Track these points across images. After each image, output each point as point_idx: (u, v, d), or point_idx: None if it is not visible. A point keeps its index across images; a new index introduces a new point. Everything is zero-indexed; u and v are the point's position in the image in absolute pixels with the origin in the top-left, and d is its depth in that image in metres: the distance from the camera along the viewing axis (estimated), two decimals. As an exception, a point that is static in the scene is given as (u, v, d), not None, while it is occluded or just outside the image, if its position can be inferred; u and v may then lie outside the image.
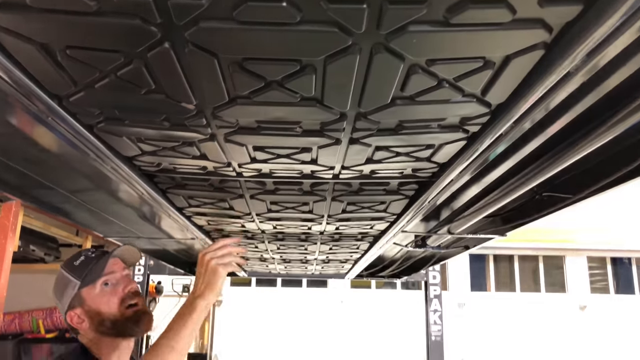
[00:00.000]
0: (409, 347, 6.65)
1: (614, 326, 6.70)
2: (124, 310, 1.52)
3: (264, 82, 0.96)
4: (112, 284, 1.56)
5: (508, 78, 0.97)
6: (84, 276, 1.53)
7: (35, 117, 1.16)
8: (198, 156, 1.46)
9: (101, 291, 1.53)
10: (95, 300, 1.52)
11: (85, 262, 1.56)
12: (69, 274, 1.57)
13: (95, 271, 1.53)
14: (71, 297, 1.54)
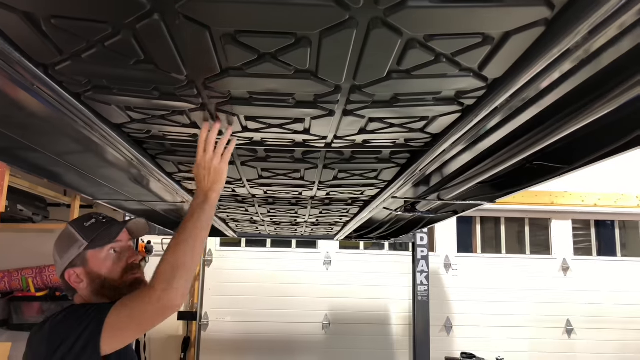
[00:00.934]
0: (396, 306, 6.79)
1: (596, 286, 6.88)
2: (126, 277, 1.60)
3: (257, 54, 0.94)
4: (119, 252, 1.62)
5: (506, 54, 0.95)
6: (92, 238, 1.58)
7: (21, 85, 1.12)
8: (188, 124, 1.44)
9: (107, 256, 1.60)
10: (99, 264, 1.59)
11: (96, 226, 1.62)
12: (77, 232, 1.62)
13: (106, 236, 1.59)
14: (74, 255, 1.59)
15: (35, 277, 6.14)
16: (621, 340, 6.77)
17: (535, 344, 6.73)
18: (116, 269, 1.60)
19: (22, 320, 6.02)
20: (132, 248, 1.67)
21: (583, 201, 6.72)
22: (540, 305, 6.82)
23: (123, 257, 1.63)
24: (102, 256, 1.59)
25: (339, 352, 6.64)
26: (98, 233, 1.60)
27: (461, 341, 6.66)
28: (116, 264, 1.60)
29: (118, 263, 1.61)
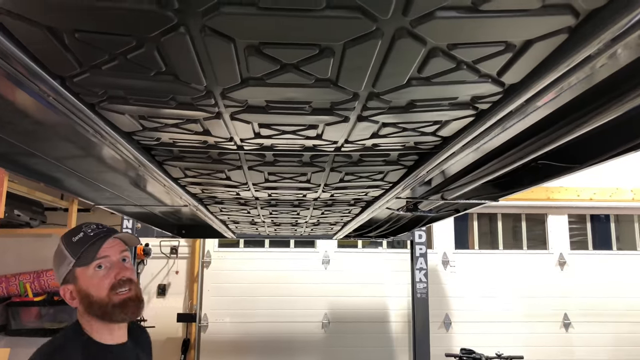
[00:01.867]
0: (395, 304, 6.81)
1: (592, 280, 6.93)
2: (112, 296, 1.50)
3: (279, 65, 0.93)
4: (106, 267, 1.53)
5: (526, 60, 0.96)
6: (79, 255, 1.51)
7: (34, 95, 1.12)
8: (200, 132, 1.43)
9: (94, 274, 1.51)
10: (86, 282, 1.51)
11: (83, 241, 1.54)
12: (65, 248, 1.56)
13: (90, 252, 1.50)
14: (66, 272, 1.54)
15: (33, 281, 6.10)
16: (616, 332, 6.84)
17: (533, 338, 6.78)
18: (102, 285, 1.50)
19: (21, 326, 5.99)
20: (124, 263, 1.56)
21: (579, 196, 6.77)
22: (537, 299, 6.87)
23: (110, 273, 1.52)
24: (89, 274, 1.51)
25: (339, 350, 6.66)
26: (84, 248, 1.52)
27: (460, 337, 6.70)
28: (103, 281, 1.51)
29: (105, 279, 1.51)
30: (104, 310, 1.50)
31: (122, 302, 1.50)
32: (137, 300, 1.54)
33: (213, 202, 2.93)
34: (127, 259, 1.60)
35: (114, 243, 1.57)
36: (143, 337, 1.77)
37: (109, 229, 1.61)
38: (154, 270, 6.70)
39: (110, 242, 1.55)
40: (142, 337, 1.76)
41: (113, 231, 1.60)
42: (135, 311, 1.54)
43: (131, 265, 1.62)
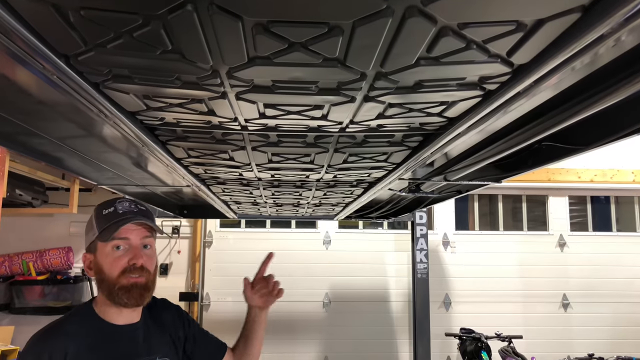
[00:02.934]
0: (395, 284, 6.86)
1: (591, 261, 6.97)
2: (122, 278, 1.50)
3: (287, 43, 0.92)
4: (124, 249, 1.53)
5: (537, 40, 0.94)
6: (102, 229, 1.53)
7: (39, 74, 1.11)
8: (205, 112, 1.42)
9: (110, 252, 1.52)
10: (103, 258, 1.54)
11: (110, 216, 1.54)
12: (94, 219, 1.58)
13: (111, 230, 1.51)
14: (89, 241, 1.58)
15: (36, 260, 6.14)
16: (615, 313, 6.90)
17: (532, 318, 6.84)
18: (115, 266, 1.51)
19: (24, 304, 6.04)
20: (139, 249, 1.54)
21: (580, 177, 6.77)
22: (537, 280, 6.92)
23: (125, 257, 1.52)
24: (107, 251, 1.52)
25: (340, 329, 6.72)
26: (108, 225, 1.52)
27: (460, 317, 6.76)
28: (116, 262, 1.51)
29: (118, 261, 1.51)
30: (110, 290, 1.51)
31: (127, 287, 1.50)
32: (143, 288, 1.52)
33: (215, 182, 2.93)
34: (150, 246, 1.59)
35: (138, 227, 1.55)
36: (167, 313, 1.76)
37: (139, 211, 1.59)
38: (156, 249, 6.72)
39: (134, 225, 1.54)
40: (166, 314, 1.75)
41: (142, 214, 1.58)
42: (139, 299, 1.53)
43: (152, 252, 1.60)
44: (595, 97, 1.30)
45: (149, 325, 1.64)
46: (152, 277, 1.58)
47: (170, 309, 1.81)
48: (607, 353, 5.17)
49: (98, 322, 1.54)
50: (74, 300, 6.20)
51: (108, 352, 1.51)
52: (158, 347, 1.62)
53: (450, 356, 6.72)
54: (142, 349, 1.58)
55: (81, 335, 1.48)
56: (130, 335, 1.57)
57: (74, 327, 1.51)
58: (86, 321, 1.54)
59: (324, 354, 6.68)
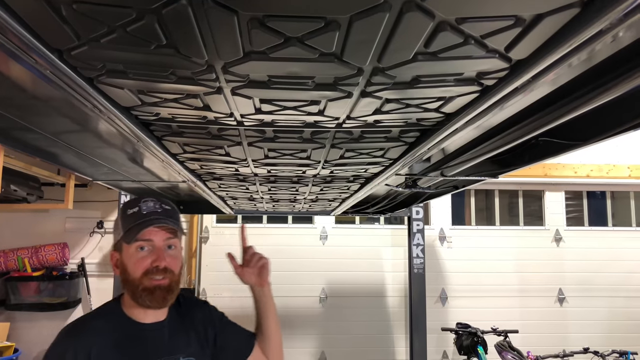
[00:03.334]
0: (392, 279, 6.87)
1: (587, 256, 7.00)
2: (145, 280, 1.50)
3: (283, 38, 0.91)
4: (148, 250, 1.52)
5: (536, 35, 0.93)
6: (126, 230, 1.52)
7: (32, 69, 1.09)
8: (200, 107, 1.41)
9: (135, 253, 1.52)
10: (127, 258, 1.53)
11: (134, 216, 1.53)
12: (120, 218, 1.58)
13: (135, 232, 1.50)
14: (116, 240, 1.58)
15: (31, 257, 6.11)
16: (610, 307, 6.92)
17: (528, 312, 6.86)
18: (138, 268, 1.50)
19: (20, 300, 6.02)
20: (162, 250, 1.53)
21: (576, 172, 6.78)
22: (533, 275, 6.94)
23: (148, 258, 1.51)
24: (131, 251, 1.52)
25: (337, 324, 6.74)
26: (132, 225, 1.51)
27: (456, 312, 6.77)
28: (139, 263, 1.51)
29: (141, 263, 1.51)
30: (133, 291, 1.51)
31: (150, 289, 1.49)
32: (166, 290, 1.51)
33: (211, 178, 2.92)
34: (174, 246, 1.57)
35: (161, 228, 1.53)
36: (196, 312, 1.74)
37: (163, 212, 1.56)
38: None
39: (157, 227, 1.52)
40: (194, 313, 1.73)
41: (166, 215, 1.56)
42: (161, 301, 1.52)
43: (177, 253, 1.58)
44: (593, 93, 1.29)
45: (175, 324, 1.64)
46: (177, 278, 1.56)
47: (199, 307, 1.79)
48: (602, 347, 5.19)
49: (124, 319, 1.55)
50: (70, 296, 6.19)
51: (132, 350, 1.51)
52: (183, 346, 1.61)
53: (446, 351, 6.75)
54: (167, 347, 1.57)
55: (107, 332, 1.50)
56: (155, 333, 1.57)
57: (101, 324, 1.52)
58: (112, 318, 1.55)
59: (321, 349, 6.69)
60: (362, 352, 6.69)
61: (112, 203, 6.45)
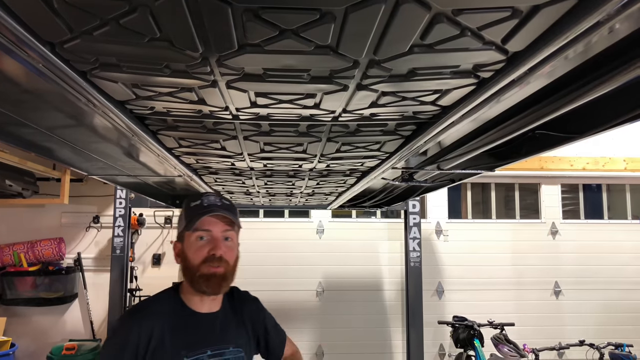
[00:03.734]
0: (389, 272, 6.88)
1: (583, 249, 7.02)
2: (202, 267, 1.61)
3: (278, 30, 0.90)
4: (206, 239, 1.63)
5: (532, 27, 0.93)
6: (188, 221, 1.64)
7: (24, 62, 1.08)
8: (195, 101, 1.40)
9: (195, 242, 1.63)
10: (188, 247, 1.65)
11: (196, 209, 1.65)
12: (184, 211, 1.71)
13: (196, 222, 1.62)
14: (180, 230, 1.71)
15: (27, 252, 6.10)
16: (606, 300, 6.96)
17: (524, 305, 6.89)
18: (197, 255, 1.62)
19: (16, 295, 6.01)
20: (220, 240, 1.64)
21: (572, 165, 6.79)
22: (529, 268, 6.96)
23: (206, 247, 1.62)
24: (192, 240, 1.64)
25: (334, 318, 6.75)
26: (194, 216, 1.63)
27: (453, 305, 6.80)
28: (198, 251, 1.62)
29: (200, 250, 1.62)
30: (192, 277, 1.63)
31: (207, 275, 1.60)
32: (221, 278, 1.62)
33: (207, 172, 2.90)
34: (230, 239, 1.68)
35: (219, 220, 1.64)
36: (247, 307, 1.86)
37: (222, 205, 1.67)
38: (149, 240, 6.70)
39: (215, 218, 1.63)
40: (246, 308, 1.85)
41: (225, 208, 1.66)
42: (217, 288, 1.63)
43: (233, 244, 1.69)
44: (589, 86, 1.29)
45: (228, 316, 1.75)
46: (232, 268, 1.67)
47: (251, 303, 1.90)
48: (598, 339, 5.22)
49: (181, 307, 1.67)
50: (66, 291, 6.18)
51: (187, 335, 1.62)
52: (233, 337, 1.72)
53: (443, 344, 6.77)
54: (218, 337, 1.68)
55: (166, 317, 1.62)
56: (208, 322, 1.68)
57: (161, 309, 1.64)
58: (171, 305, 1.66)
59: (318, 342, 6.71)
60: (359, 346, 6.71)
61: (108, 198, 6.43)
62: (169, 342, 1.57)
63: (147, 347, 1.54)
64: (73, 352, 5.51)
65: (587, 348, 4.95)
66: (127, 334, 1.56)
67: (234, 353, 1.69)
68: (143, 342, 1.54)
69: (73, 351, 5.52)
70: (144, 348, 1.54)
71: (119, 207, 5.61)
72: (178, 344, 1.59)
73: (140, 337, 1.54)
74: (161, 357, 1.55)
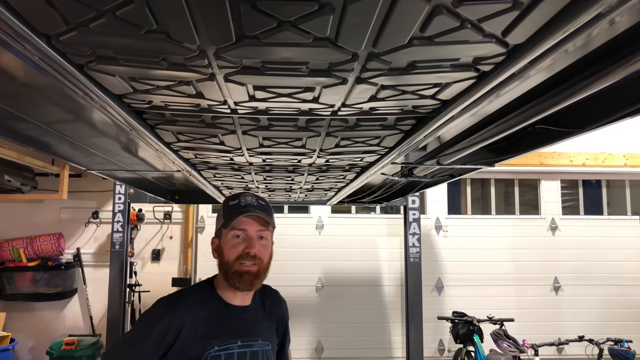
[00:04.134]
0: (388, 268, 6.88)
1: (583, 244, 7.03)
2: (236, 264, 1.69)
3: (276, 22, 0.89)
4: (242, 238, 1.71)
5: (533, 19, 0.92)
6: (225, 219, 1.72)
7: (20, 55, 1.07)
8: (193, 94, 1.39)
9: (231, 240, 1.71)
10: (224, 243, 1.73)
11: (234, 208, 1.72)
12: (222, 209, 1.78)
13: (232, 220, 1.69)
14: (217, 227, 1.80)
15: (26, 247, 6.09)
16: (605, 295, 6.97)
17: (524, 301, 6.90)
18: (232, 252, 1.70)
19: (15, 290, 6.01)
20: (254, 239, 1.71)
21: (572, 161, 6.79)
22: (528, 263, 6.97)
23: (241, 245, 1.70)
24: (228, 238, 1.72)
25: (333, 313, 6.76)
26: (231, 215, 1.70)
27: (452, 300, 6.80)
28: (234, 248, 1.70)
29: (235, 248, 1.70)
30: (226, 273, 1.71)
31: (240, 272, 1.68)
32: (254, 275, 1.70)
33: (206, 167, 2.90)
34: (265, 238, 1.75)
35: (255, 220, 1.71)
36: (276, 305, 1.95)
37: (259, 206, 1.74)
38: (148, 235, 6.70)
39: (251, 218, 1.71)
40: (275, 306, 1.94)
41: (260, 208, 1.73)
42: (249, 285, 1.70)
43: (267, 243, 1.76)
44: (589, 80, 1.28)
45: (258, 311, 1.84)
46: (265, 266, 1.74)
47: (280, 302, 1.99)
48: (597, 335, 5.23)
49: (215, 298, 1.75)
50: (66, 286, 6.18)
51: (219, 326, 1.70)
52: (262, 331, 1.80)
53: (442, 339, 6.78)
54: (249, 329, 1.76)
55: (199, 308, 1.70)
56: (240, 315, 1.76)
57: (195, 300, 1.73)
58: (205, 296, 1.75)
59: (317, 337, 6.72)
60: (358, 341, 6.72)
61: (107, 193, 6.43)
62: (202, 332, 1.65)
63: (177, 337, 1.62)
64: (73, 347, 5.51)
65: (586, 343, 4.95)
66: (156, 321, 1.63)
67: (262, 346, 1.76)
68: (172, 332, 1.62)
69: (73, 346, 5.52)
70: (172, 337, 1.61)
71: (118, 203, 5.60)
72: (210, 333, 1.66)
73: (170, 327, 1.62)
74: (193, 345, 1.63)
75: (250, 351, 1.72)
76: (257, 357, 1.73)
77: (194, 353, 1.62)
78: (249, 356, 1.71)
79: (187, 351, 1.62)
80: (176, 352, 1.62)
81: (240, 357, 1.69)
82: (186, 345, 1.63)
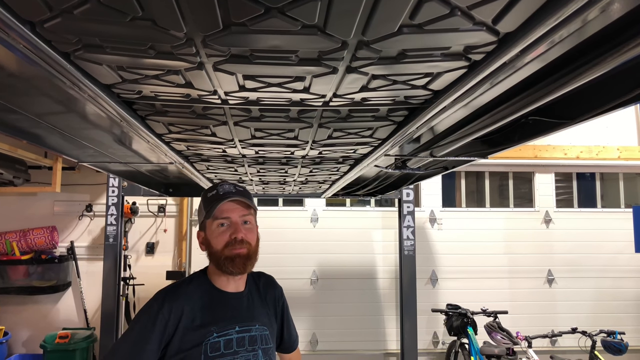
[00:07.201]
0: (383, 261, 6.89)
1: (576, 237, 7.05)
2: (226, 250, 1.72)
3: (263, 9, 0.88)
4: (227, 225, 1.74)
5: (524, 6, 0.91)
6: (207, 210, 1.75)
7: (5, 44, 1.05)
8: (183, 84, 1.37)
9: (216, 229, 1.74)
10: (210, 234, 1.77)
11: (213, 198, 1.75)
12: (202, 201, 1.82)
13: (215, 210, 1.72)
14: (201, 220, 1.82)
15: (19, 240, 6.07)
16: (598, 288, 7.00)
17: (517, 293, 6.92)
18: (220, 240, 1.73)
19: (9, 284, 5.98)
20: (239, 224, 1.74)
21: (566, 154, 6.80)
22: (523, 256, 6.99)
23: (228, 232, 1.73)
24: (213, 228, 1.75)
25: (328, 306, 6.77)
26: (212, 205, 1.73)
27: (446, 293, 6.82)
28: (221, 236, 1.73)
29: (223, 236, 1.73)
30: (217, 261, 1.74)
31: (231, 257, 1.71)
32: (245, 257, 1.73)
33: (199, 159, 2.88)
34: (249, 222, 1.78)
35: (236, 206, 1.75)
36: (271, 291, 1.97)
37: (237, 192, 1.76)
38: (142, 228, 6.68)
39: (232, 205, 1.74)
40: (270, 291, 1.96)
41: (240, 194, 1.76)
42: (242, 267, 1.73)
43: (252, 227, 1.79)
44: (582, 69, 1.27)
45: (253, 296, 1.87)
46: (254, 248, 1.78)
47: (274, 288, 2.01)
48: (590, 327, 5.26)
49: (210, 287, 1.79)
50: (59, 279, 6.16)
51: (216, 313, 1.74)
52: (258, 315, 1.83)
53: (436, 332, 6.81)
54: (245, 314, 1.80)
55: (196, 297, 1.74)
56: (235, 301, 1.80)
57: (191, 290, 1.76)
58: (201, 286, 1.79)
59: (312, 330, 6.73)
60: (353, 334, 6.73)
61: (100, 186, 6.40)
62: (200, 320, 1.69)
63: (177, 325, 1.66)
64: (66, 341, 5.50)
65: (580, 335, 4.98)
66: (157, 314, 1.66)
67: (260, 330, 1.80)
68: (173, 320, 1.65)
69: (66, 339, 5.51)
70: (173, 326, 1.65)
71: (112, 196, 5.58)
72: (208, 320, 1.70)
73: (171, 316, 1.65)
74: (193, 333, 1.67)
75: (249, 335, 1.76)
76: (255, 341, 1.76)
77: (194, 341, 1.66)
78: (248, 340, 1.75)
79: (187, 341, 1.65)
80: (176, 342, 1.65)
81: (239, 342, 1.73)
82: (186, 336, 1.66)
